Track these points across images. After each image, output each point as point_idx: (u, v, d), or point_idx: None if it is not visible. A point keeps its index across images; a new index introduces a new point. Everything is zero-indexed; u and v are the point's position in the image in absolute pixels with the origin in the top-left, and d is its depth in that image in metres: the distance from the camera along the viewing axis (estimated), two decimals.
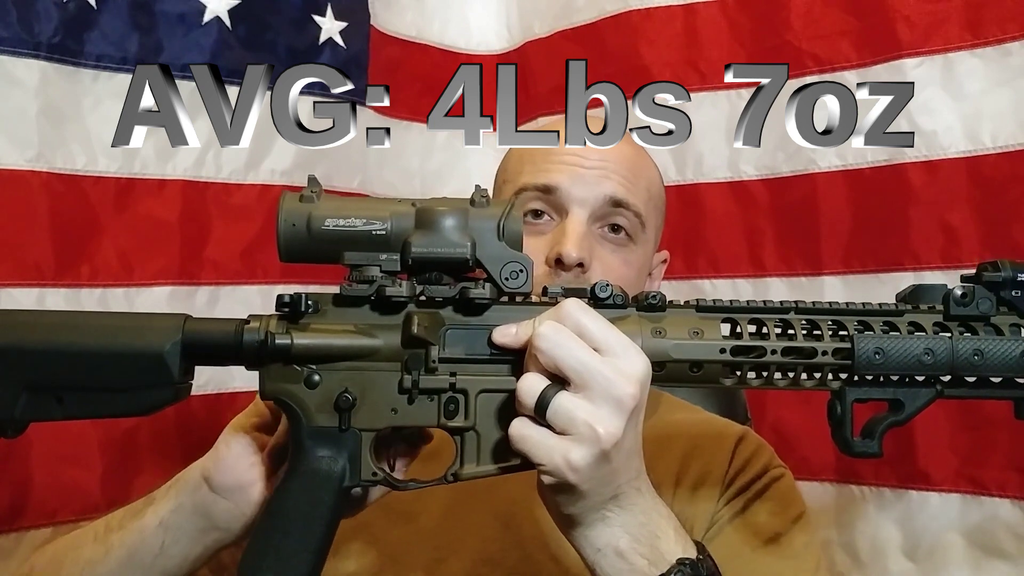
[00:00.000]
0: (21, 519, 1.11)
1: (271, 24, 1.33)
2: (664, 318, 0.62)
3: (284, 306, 0.61)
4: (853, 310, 0.62)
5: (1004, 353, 0.60)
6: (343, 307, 0.61)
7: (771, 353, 0.60)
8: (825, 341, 0.61)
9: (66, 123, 1.17)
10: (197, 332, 0.61)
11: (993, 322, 0.62)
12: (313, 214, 0.60)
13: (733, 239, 1.38)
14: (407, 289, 0.60)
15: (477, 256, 0.60)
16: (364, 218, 0.59)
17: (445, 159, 1.55)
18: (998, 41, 1.18)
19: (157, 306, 1.23)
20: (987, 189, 1.19)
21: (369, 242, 0.60)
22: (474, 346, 0.60)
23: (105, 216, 1.20)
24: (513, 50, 1.61)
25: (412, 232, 0.59)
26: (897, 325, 0.61)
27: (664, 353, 0.60)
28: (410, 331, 0.59)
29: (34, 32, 1.12)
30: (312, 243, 0.60)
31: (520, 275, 0.61)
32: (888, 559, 1.25)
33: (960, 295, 0.62)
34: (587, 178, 0.87)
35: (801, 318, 0.62)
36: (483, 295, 0.60)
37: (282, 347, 0.59)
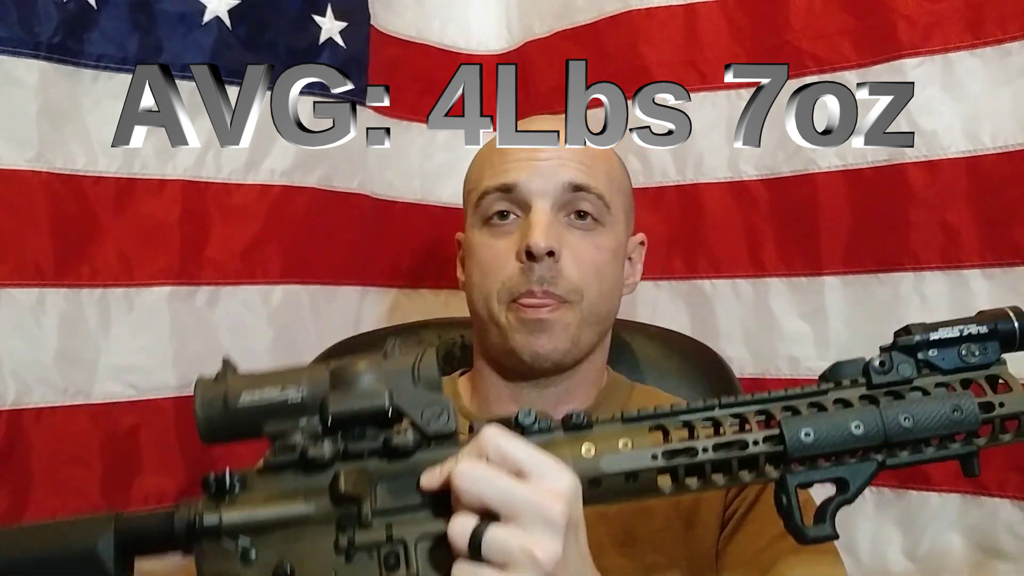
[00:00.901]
0: (21, 519, 1.11)
1: (271, 24, 1.33)
2: (591, 435, 0.61)
3: (211, 487, 0.60)
4: (777, 396, 0.62)
5: (933, 414, 0.60)
6: (269, 476, 0.60)
7: (703, 452, 0.60)
8: (754, 431, 0.60)
9: (66, 123, 1.17)
10: (128, 526, 0.61)
11: (917, 384, 0.62)
12: (228, 392, 0.60)
13: (733, 239, 1.38)
14: (329, 448, 0.59)
15: (395, 404, 0.59)
16: (279, 387, 0.60)
17: (445, 159, 1.55)
18: (998, 41, 1.18)
19: (157, 306, 1.23)
20: (987, 189, 1.19)
21: (287, 410, 0.59)
22: (406, 494, 0.59)
23: (105, 216, 1.20)
24: (513, 50, 1.60)
25: (328, 393, 0.59)
26: (823, 404, 0.61)
27: (596, 470, 0.60)
28: (338, 490, 0.57)
29: (34, 32, 1.12)
30: (231, 421, 0.60)
31: (442, 415, 0.60)
32: (888, 559, 1.25)
33: (879, 364, 0.62)
34: (543, 169, 0.89)
35: (727, 412, 0.62)
36: (407, 442, 0.59)
37: (211, 526, 0.59)
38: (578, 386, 0.94)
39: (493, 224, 0.91)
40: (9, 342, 1.11)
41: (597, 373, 0.97)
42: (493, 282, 0.89)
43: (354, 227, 1.44)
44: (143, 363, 1.22)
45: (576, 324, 0.88)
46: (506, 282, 0.88)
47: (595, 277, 0.89)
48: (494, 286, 0.89)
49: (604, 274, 0.90)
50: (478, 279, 0.91)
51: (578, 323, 0.88)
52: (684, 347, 1.21)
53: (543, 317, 0.87)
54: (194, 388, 0.61)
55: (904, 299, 1.24)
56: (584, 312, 0.89)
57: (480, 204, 0.91)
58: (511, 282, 0.88)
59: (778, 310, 1.34)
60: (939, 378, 0.62)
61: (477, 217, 0.92)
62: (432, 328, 1.24)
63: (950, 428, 0.60)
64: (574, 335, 0.88)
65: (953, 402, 0.60)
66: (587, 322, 0.89)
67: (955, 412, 0.60)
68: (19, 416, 1.11)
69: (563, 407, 0.93)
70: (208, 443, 0.61)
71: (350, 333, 1.37)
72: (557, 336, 0.87)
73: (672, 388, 1.06)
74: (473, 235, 0.93)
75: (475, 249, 0.92)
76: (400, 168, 1.52)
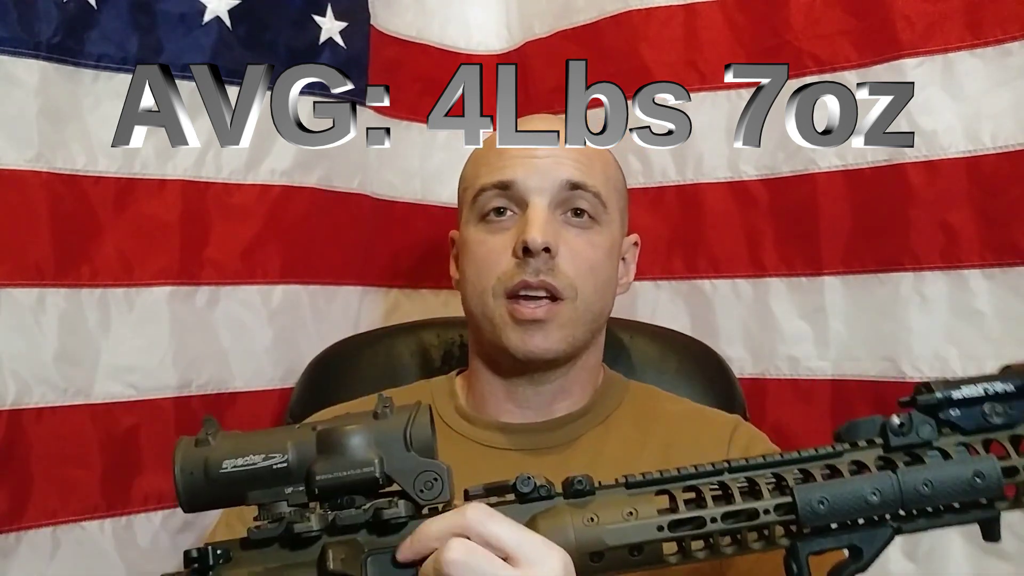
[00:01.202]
0: (21, 519, 1.11)
1: (271, 24, 1.33)
2: (594, 502, 0.58)
3: (193, 561, 0.57)
4: (790, 459, 0.59)
5: (953, 478, 0.57)
6: (254, 550, 0.58)
7: (711, 521, 0.57)
8: (765, 498, 0.57)
9: (66, 123, 1.17)
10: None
11: (938, 446, 0.58)
12: (209, 459, 0.57)
13: (733, 239, 1.38)
14: (317, 522, 0.56)
15: (387, 472, 0.57)
16: (263, 453, 0.57)
17: (445, 159, 1.55)
18: (998, 41, 1.18)
19: (157, 306, 1.23)
20: (987, 189, 1.19)
21: (272, 477, 0.57)
22: (399, 568, 0.57)
23: (105, 216, 1.20)
24: (513, 50, 1.60)
25: (315, 459, 0.57)
26: (838, 467, 0.58)
27: (599, 542, 0.57)
28: (326, 569, 0.55)
29: (34, 32, 1.12)
30: (213, 489, 0.57)
31: (435, 484, 0.57)
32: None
33: (898, 425, 0.59)
34: (541, 167, 0.89)
35: (738, 476, 0.59)
36: (399, 514, 0.56)
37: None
38: (573, 383, 0.94)
39: (489, 220, 0.91)
40: (9, 342, 1.11)
41: (592, 371, 0.97)
42: (488, 278, 0.89)
43: (354, 227, 1.44)
44: (143, 363, 1.22)
45: (570, 321, 0.88)
46: (501, 277, 0.88)
47: (590, 274, 0.89)
48: (489, 282, 0.89)
49: (599, 272, 0.90)
50: (473, 275, 0.91)
51: (572, 320, 0.89)
52: (684, 347, 1.22)
53: (539, 317, 0.87)
54: (174, 452, 0.58)
55: (904, 299, 1.24)
56: (579, 309, 0.89)
57: (477, 200, 0.91)
58: (506, 276, 0.88)
59: (778, 310, 1.34)
60: (960, 438, 0.59)
61: (473, 213, 0.92)
62: (432, 328, 1.24)
63: (971, 495, 0.57)
64: (568, 332, 0.89)
65: (975, 467, 0.57)
66: (581, 319, 0.89)
67: (976, 478, 0.57)
68: (19, 416, 1.11)
69: (558, 404, 0.93)
70: (190, 511, 0.58)
71: (350, 333, 1.37)
72: (551, 334, 0.88)
73: (672, 388, 1.06)
74: (468, 231, 0.93)
75: (470, 245, 0.92)
76: (400, 168, 1.52)
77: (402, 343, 1.22)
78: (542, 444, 0.91)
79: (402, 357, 1.21)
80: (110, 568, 1.18)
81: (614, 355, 1.05)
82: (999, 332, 1.18)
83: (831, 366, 1.31)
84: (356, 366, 1.21)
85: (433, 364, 1.19)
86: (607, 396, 0.96)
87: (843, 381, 1.30)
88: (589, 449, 0.91)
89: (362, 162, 1.45)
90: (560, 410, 0.94)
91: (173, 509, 1.24)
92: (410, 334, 1.23)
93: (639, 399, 0.97)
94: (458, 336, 1.20)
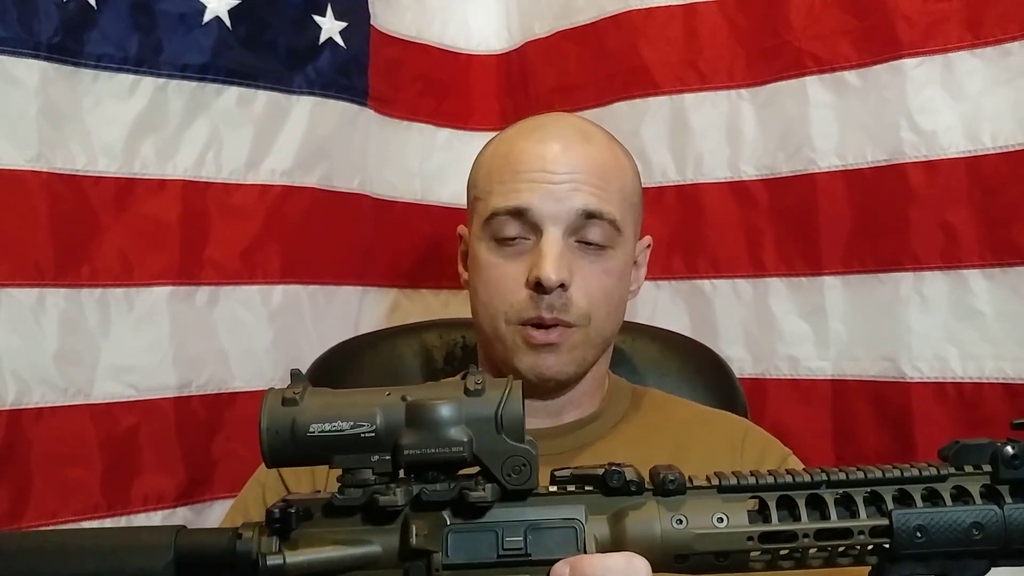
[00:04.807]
0: (21, 519, 1.11)
1: (271, 24, 1.33)
2: (684, 503, 0.57)
3: (275, 522, 0.57)
4: (891, 478, 0.56)
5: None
6: (335, 516, 0.57)
7: (803, 537, 0.55)
8: (861, 519, 0.55)
9: (66, 123, 1.16)
10: (189, 547, 0.58)
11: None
12: (297, 420, 0.56)
13: (733, 239, 1.38)
14: (402, 497, 0.56)
15: (475, 452, 0.56)
16: (351, 420, 0.56)
17: (445, 159, 1.55)
18: (998, 41, 1.18)
19: (157, 306, 1.23)
20: (987, 189, 1.19)
21: (358, 445, 0.56)
22: (479, 550, 0.56)
23: (105, 216, 1.20)
24: (513, 50, 1.60)
25: (403, 431, 0.56)
26: (940, 492, 0.55)
27: (687, 545, 0.56)
28: (408, 542, 0.55)
29: (34, 32, 1.12)
30: (298, 449, 0.56)
31: (524, 470, 0.56)
32: None
33: (1011, 456, 0.55)
34: (557, 194, 0.86)
35: (834, 492, 0.56)
36: (484, 498, 0.56)
37: (274, 569, 0.55)
38: (582, 396, 0.94)
39: (503, 244, 0.88)
40: (9, 342, 1.11)
41: (600, 379, 0.97)
42: (501, 303, 0.88)
43: (354, 227, 1.44)
44: (143, 363, 1.22)
45: (582, 344, 0.88)
46: (515, 305, 0.87)
47: (603, 302, 0.88)
48: (502, 307, 0.88)
49: (612, 296, 0.89)
50: (485, 297, 0.90)
51: (584, 343, 0.88)
52: (684, 348, 1.21)
53: (552, 341, 0.86)
54: (261, 407, 0.57)
55: (904, 299, 1.24)
56: (590, 334, 0.88)
57: (490, 223, 0.88)
58: (520, 306, 0.86)
59: (778, 310, 1.34)
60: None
61: (486, 232, 0.90)
62: (434, 329, 1.24)
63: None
64: (579, 355, 0.88)
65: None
66: (592, 342, 0.89)
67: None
68: (19, 416, 1.11)
69: (568, 412, 0.93)
70: (272, 467, 0.58)
71: (350, 333, 1.37)
72: (563, 358, 0.87)
73: (673, 390, 1.06)
74: (480, 249, 0.90)
75: (483, 267, 0.90)
76: (400, 168, 1.52)
77: (404, 344, 1.22)
78: (551, 450, 0.90)
79: (404, 358, 1.20)
80: None
81: (616, 359, 1.04)
82: (999, 332, 1.18)
83: (831, 366, 1.31)
84: (358, 367, 1.21)
85: (436, 365, 1.19)
86: (615, 402, 0.96)
87: (843, 381, 1.30)
88: (598, 455, 0.90)
89: (362, 162, 1.45)
90: (569, 416, 0.94)
91: (173, 509, 1.24)
92: (412, 335, 1.23)
93: (646, 404, 0.97)
94: (460, 337, 1.20)
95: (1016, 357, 1.17)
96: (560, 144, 0.88)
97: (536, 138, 0.90)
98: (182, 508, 1.25)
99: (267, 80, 1.32)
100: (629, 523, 0.56)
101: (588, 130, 0.92)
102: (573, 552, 0.55)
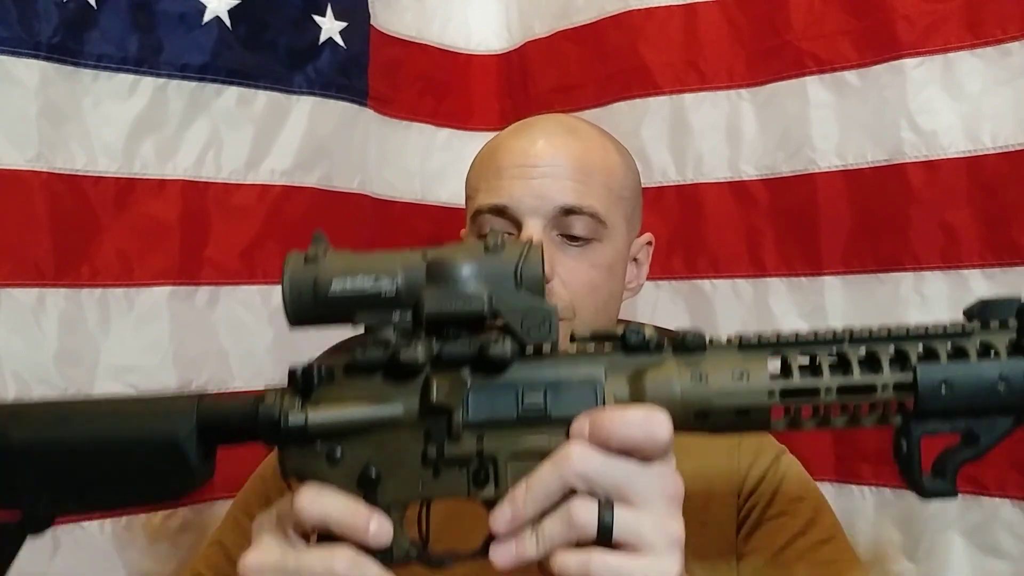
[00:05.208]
0: None
1: (271, 24, 1.33)
2: (704, 360, 0.56)
3: (297, 381, 0.57)
4: (915, 334, 0.55)
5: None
6: (357, 374, 0.57)
7: (825, 393, 0.54)
8: (884, 374, 0.54)
9: (66, 123, 1.17)
10: (212, 413, 0.59)
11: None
12: (319, 277, 0.57)
13: (733, 239, 1.38)
14: (423, 353, 0.56)
15: (495, 308, 0.56)
16: (373, 275, 0.56)
17: (445, 159, 1.55)
18: (998, 41, 1.17)
19: (157, 306, 1.23)
20: (987, 189, 1.19)
21: (380, 302, 0.56)
22: (499, 407, 0.56)
23: (105, 216, 1.20)
24: (513, 50, 1.60)
25: (424, 287, 0.56)
26: (965, 348, 0.55)
27: (706, 401, 0.55)
28: (429, 399, 0.55)
29: (34, 32, 1.12)
30: (320, 307, 0.57)
31: (544, 325, 0.56)
32: (888, 559, 1.25)
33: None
34: (536, 188, 0.85)
35: (858, 348, 0.55)
36: (504, 352, 0.55)
37: (296, 426, 0.56)
38: None
39: None
40: (9, 342, 1.11)
41: None
42: None
43: (354, 227, 1.44)
44: (143, 363, 1.22)
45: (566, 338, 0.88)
46: None
47: (589, 294, 0.87)
48: None
49: (599, 290, 0.88)
50: None
51: (569, 338, 0.88)
52: None
53: None
54: (283, 266, 0.57)
55: (904, 299, 1.24)
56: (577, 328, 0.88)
57: (476, 221, 0.89)
58: None
59: (778, 310, 1.34)
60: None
61: (473, 231, 0.90)
62: None
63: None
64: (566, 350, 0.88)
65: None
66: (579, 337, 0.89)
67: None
68: None
69: None
70: (295, 327, 0.58)
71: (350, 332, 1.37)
72: None
73: None
74: None
75: None
76: (400, 168, 1.52)
77: None
78: None
79: None
80: (110, 568, 1.18)
81: None
82: None
83: None
84: None
85: None
86: None
87: None
88: None
89: (362, 162, 1.45)
90: None
91: (173, 509, 1.24)
92: None
93: None
94: None
95: None
96: (544, 139, 0.88)
97: (521, 135, 0.90)
98: (182, 508, 1.25)
99: (267, 80, 1.33)
100: (648, 381, 0.56)
101: (576, 126, 0.92)
102: None
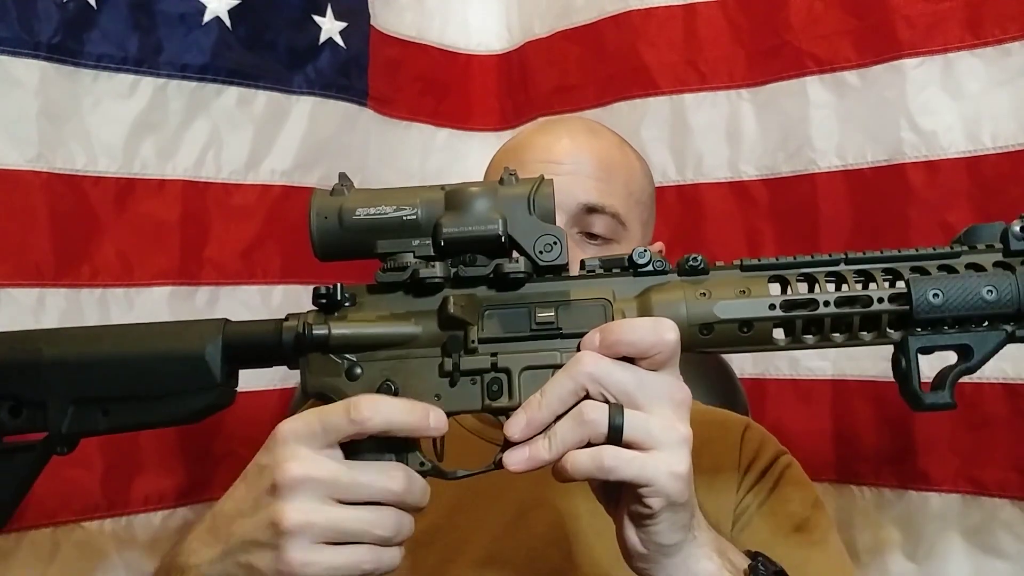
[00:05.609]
0: (21, 519, 1.11)
1: (271, 24, 1.33)
2: (707, 280, 0.60)
3: (321, 298, 0.61)
4: (907, 255, 0.59)
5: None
6: (379, 295, 0.61)
7: (824, 305, 0.58)
8: (880, 288, 0.58)
9: (66, 123, 1.17)
10: (237, 333, 0.61)
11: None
12: (344, 206, 0.61)
13: (733, 239, 1.38)
14: (441, 270, 0.59)
15: (509, 232, 0.59)
16: (394, 205, 0.60)
17: (445, 159, 1.55)
18: (998, 41, 1.17)
19: (157, 306, 1.23)
20: (987, 189, 1.19)
21: (401, 229, 0.60)
22: (513, 324, 0.59)
23: (105, 216, 1.20)
24: (513, 50, 1.61)
25: (443, 215, 0.60)
26: (955, 267, 0.59)
27: (711, 315, 0.58)
28: (447, 312, 0.58)
29: (34, 32, 1.12)
30: (345, 236, 0.61)
31: (554, 247, 0.60)
32: (888, 559, 1.25)
33: (1020, 230, 0.59)
34: (560, 184, 0.86)
35: (852, 268, 0.59)
36: (519, 269, 0.59)
37: (320, 338, 0.59)
38: None
39: None
40: None
41: None
42: None
43: None
44: None
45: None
46: None
47: None
48: None
49: None
50: None
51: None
52: None
53: None
54: (310, 201, 0.61)
55: None
56: None
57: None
58: None
59: None
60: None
61: None
62: None
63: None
64: None
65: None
66: None
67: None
68: None
69: None
70: (323, 259, 0.62)
71: None
72: None
73: None
74: None
75: None
76: (400, 168, 1.52)
77: None
78: None
79: None
80: (110, 568, 1.18)
81: None
82: None
83: (831, 366, 1.31)
84: None
85: None
86: None
87: (843, 381, 1.30)
88: None
89: (362, 162, 1.45)
90: None
91: (173, 509, 1.24)
92: None
93: None
94: None
95: (1016, 357, 1.17)
96: (568, 137, 0.90)
97: (546, 132, 0.92)
98: (182, 508, 1.25)
99: (267, 80, 1.33)
100: (655, 299, 0.59)
101: (598, 129, 0.94)
102: None
